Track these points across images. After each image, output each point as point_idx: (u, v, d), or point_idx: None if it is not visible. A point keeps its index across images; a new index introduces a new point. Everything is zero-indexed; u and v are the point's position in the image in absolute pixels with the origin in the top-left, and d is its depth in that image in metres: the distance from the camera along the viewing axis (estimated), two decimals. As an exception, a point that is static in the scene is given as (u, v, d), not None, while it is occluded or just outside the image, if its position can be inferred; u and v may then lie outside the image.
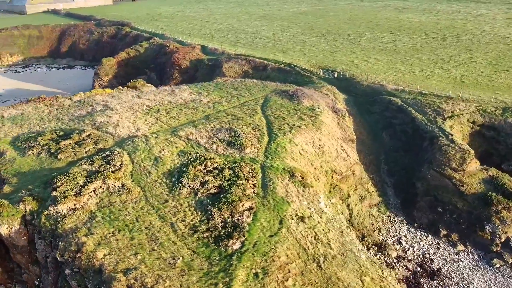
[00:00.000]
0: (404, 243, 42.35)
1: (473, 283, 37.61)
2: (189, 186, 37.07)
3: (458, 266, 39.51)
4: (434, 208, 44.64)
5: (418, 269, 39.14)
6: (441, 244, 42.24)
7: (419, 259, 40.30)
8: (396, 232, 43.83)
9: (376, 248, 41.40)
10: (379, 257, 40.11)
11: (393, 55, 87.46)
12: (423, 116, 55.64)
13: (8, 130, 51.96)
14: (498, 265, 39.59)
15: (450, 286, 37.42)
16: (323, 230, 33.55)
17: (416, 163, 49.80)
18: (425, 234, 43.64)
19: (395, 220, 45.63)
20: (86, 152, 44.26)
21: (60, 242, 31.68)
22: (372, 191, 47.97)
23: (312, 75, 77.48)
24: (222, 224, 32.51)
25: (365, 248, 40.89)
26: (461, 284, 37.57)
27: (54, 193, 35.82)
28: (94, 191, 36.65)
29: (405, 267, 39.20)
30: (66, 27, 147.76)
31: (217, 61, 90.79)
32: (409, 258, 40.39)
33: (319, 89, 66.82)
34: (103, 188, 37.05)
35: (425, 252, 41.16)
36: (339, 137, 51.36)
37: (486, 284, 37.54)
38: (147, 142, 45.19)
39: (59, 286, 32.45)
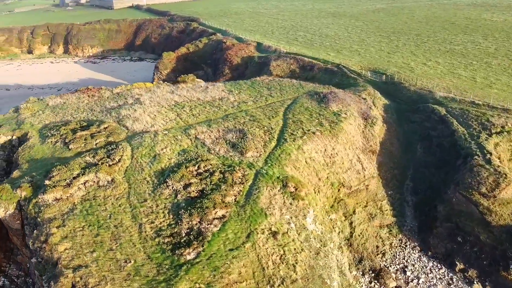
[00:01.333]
0: (409, 273, 37.41)
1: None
2: (172, 187, 36.34)
3: (469, 308, 33.94)
4: (454, 237, 38.87)
5: (417, 305, 34.35)
6: (454, 280, 36.58)
7: (422, 293, 35.32)
8: (404, 259, 38.91)
9: (373, 274, 37.09)
10: (374, 286, 35.86)
11: (458, 59, 78.50)
12: (465, 130, 48.87)
13: (44, 118, 55.70)
14: (519, 314, 33.29)
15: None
16: (295, 249, 30.69)
17: (444, 183, 43.85)
18: (438, 265, 38.14)
19: (406, 245, 40.58)
20: (96, 144, 45.68)
21: (35, 231, 32.91)
22: (386, 210, 43.21)
23: (358, 77, 72.53)
24: (187, 230, 31.26)
25: (360, 273, 36.88)
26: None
27: (47, 182, 37.31)
28: (84, 183, 37.47)
29: (401, 301, 34.63)
30: (142, 21, 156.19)
31: (266, 59, 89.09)
32: (410, 291, 35.61)
33: (358, 93, 62.17)
34: (94, 181, 37.76)
35: (432, 287, 35.91)
36: (359, 147, 47.10)
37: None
38: (154, 138, 45.34)
39: (39, 272, 33.77)
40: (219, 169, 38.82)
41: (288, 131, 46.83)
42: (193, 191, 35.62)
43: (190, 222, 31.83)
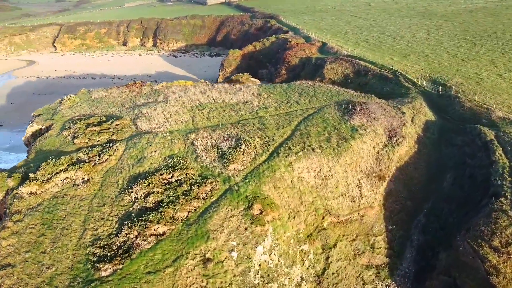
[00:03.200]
0: (382, 328, 31.52)
1: None
2: (134, 194, 35.39)
3: None
4: (449, 294, 31.72)
5: None
6: None
7: None
8: (383, 309, 32.91)
9: (336, 322, 31.99)
10: (331, 336, 30.89)
11: (548, 71, 65.07)
12: (508, 161, 39.81)
13: (77, 110, 58.96)
14: None
15: None
16: (221, 283, 27.59)
17: (458, 225, 36.14)
18: (423, 326, 31.51)
19: (392, 293, 34.33)
20: (98, 141, 46.75)
21: (-1, 222, 34.57)
22: (380, 247, 36.99)
23: (412, 87, 64.30)
24: (121, 244, 30.05)
25: (320, 318, 32.08)
26: None
27: (31, 175, 39.03)
28: (63, 180, 38.47)
29: None
30: (225, 18, 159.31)
31: (323, 61, 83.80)
32: None
33: (400, 105, 54.74)
34: (72, 179, 38.56)
35: None
36: (364, 170, 41.22)
37: None
38: (152, 140, 44.88)
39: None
40: (190, 180, 36.91)
41: (288, 145, 42.85)
42: (151, 201, 34.26)
43: (128, 235, 30.58)
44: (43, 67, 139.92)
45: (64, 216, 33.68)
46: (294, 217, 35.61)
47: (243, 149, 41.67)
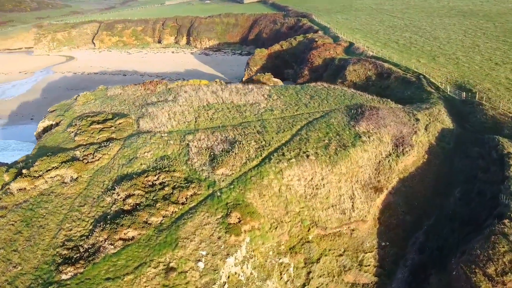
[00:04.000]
0: None
1: None
2: (115, 196, 34.98)
3: None
4: (436, 323, 28.87)
5: None
6: None
7: None
8: (363, 333, 30.48)
9: None
10: None
11: None
12: (522, 179, 35.99)
13: (89, 107, 59.76)
14: None
15: None
16: (180, 294, 26.44)
17: (457, 246, 32.94)
18: None
19: (376, 316, 31.77)
20: (98, 139, 46.98)
21: (-16, 217, 35.20)
22: (368, 265, 34.41)
23: (435, 92, 60.29)
24: (89, 246, 29.63)
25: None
26: None
27: (24, 171, 39.68)
28: (54, 177, 38.82)
29: None
30: (258, 16, 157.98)
31: (346, 62, 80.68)
32: None
33: (416, 111, 51.31)
34: (61, 177, 38.82)
35: None
36: (360, 181, 38.64)
37: None
38: (147, 140, 44.53)
39: None
40: (174, 184, 36.08)
41: (283, 150, 41.04)
42: (129, 204, 33.71)
43: (97, 238, 30.12)
44: (80, 63, 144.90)
45: (44, 214, 33.82)
46: (276, 228, 33.87)
47: (235, 153, 40.35)
